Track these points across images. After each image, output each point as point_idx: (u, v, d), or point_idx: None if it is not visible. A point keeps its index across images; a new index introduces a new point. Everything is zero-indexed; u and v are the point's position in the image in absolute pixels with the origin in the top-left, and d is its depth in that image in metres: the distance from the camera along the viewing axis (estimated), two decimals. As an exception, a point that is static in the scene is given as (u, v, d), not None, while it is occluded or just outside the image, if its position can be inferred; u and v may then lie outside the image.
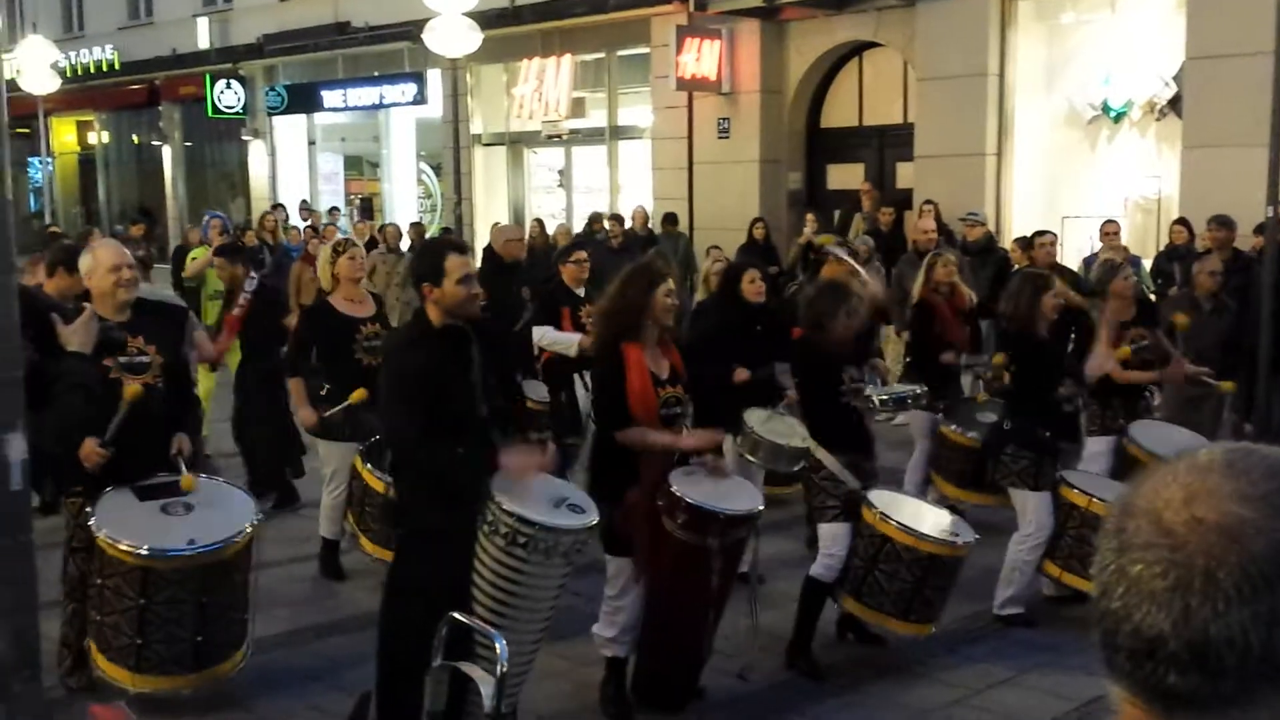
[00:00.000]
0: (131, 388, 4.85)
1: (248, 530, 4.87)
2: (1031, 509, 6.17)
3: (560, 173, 19.78)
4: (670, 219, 15.34)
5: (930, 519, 5.76)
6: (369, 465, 6.29)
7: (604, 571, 5.11)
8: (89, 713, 2.51)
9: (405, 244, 16.33)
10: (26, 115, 22.56)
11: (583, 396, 7.53)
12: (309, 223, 18.25)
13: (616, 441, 4.91)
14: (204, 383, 9.33)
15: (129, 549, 4.60)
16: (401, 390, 4.36)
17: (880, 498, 5.67)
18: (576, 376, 7.51)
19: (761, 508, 5.13)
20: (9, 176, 3.15)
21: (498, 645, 3.42)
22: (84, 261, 5.11)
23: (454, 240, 6.32)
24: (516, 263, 8.72)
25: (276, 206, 19.55)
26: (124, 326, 4.95)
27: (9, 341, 3.10)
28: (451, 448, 4.34)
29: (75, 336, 3.82)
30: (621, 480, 4.87)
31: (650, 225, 15.13)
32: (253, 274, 8.72)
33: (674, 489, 4.84)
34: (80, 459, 4.74)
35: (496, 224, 13.18)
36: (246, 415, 8.52)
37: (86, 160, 29.92)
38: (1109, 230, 10.84)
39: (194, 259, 11.25)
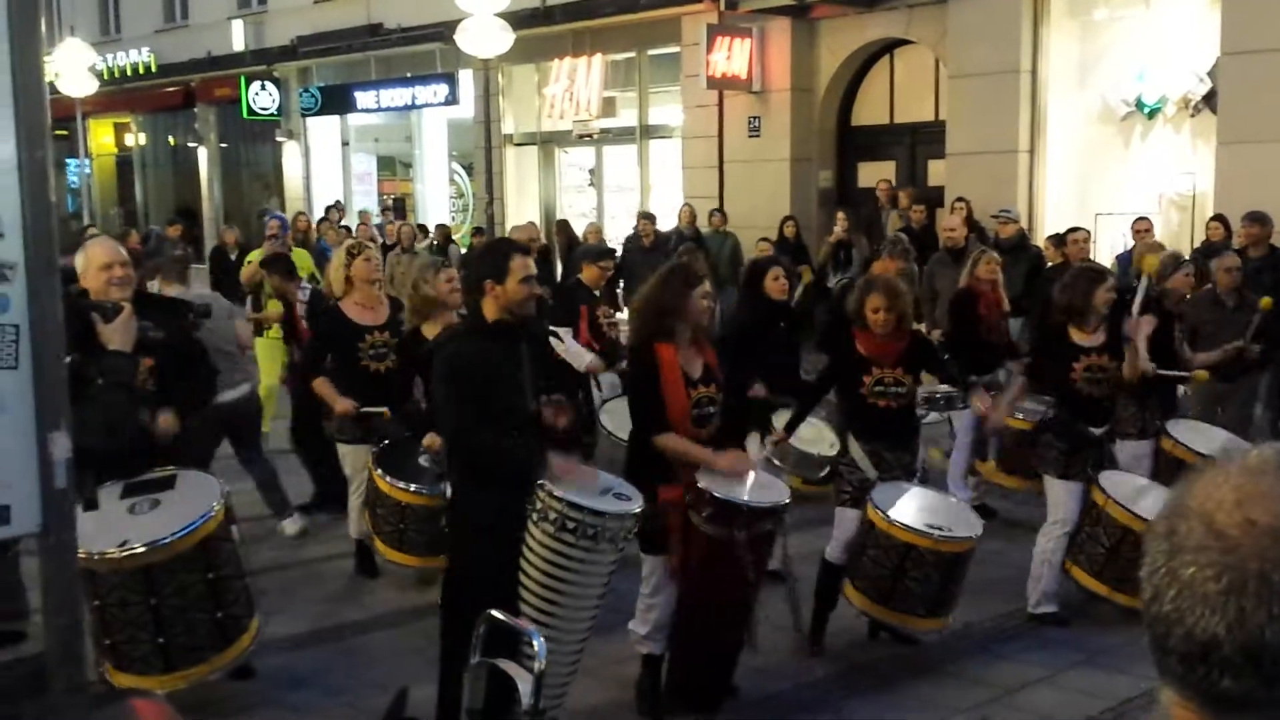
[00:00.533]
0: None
1: (187, 532, 4.66)
2: (1056, 496, 6.20)
3: (591, 172, 19.83)
4: (717, 215, 15.22)
5: (929, 511, 5.68)
6: (379, 469, 6.29)
7: (639, 568, 5.14)
8: (130, 706, 2.55)
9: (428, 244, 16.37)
10: (64, 118, 22.81)
11: (596, 396, 7.56)
12: (342, 222, 18.36)
13: (653, 444, 4.94)
14: (266, 379, 9.39)
15: (124, 551, 4.56)
16: (451, 381, 4.44)
17: (886, 488, 5.66)
18: (590, 376, 7.54)
19: (787, 501, 5.14)
20: (52, 178, 3.19)
21: (535, 643, 3.44)
22: (78, 260, 5.05)
23: (516, 241, 6.35)
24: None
25: (331, 207, 19.56)
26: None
27: (54, 341, 3.14)
28: (502, 435, 4.40)
29: (116, 335, 3.87)
30: (655, 479, 4.90)
31: (697, 224, 14.91)
32: (304, 284, 8.70)
33: (700, 483, 4.86)
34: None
35: (530, 223, 13.21)
36: (305, 425, 8.48)
37: (124, 162, 30.24)
38: (1140, 227, 10.75)
39: (249, 262, 11.00)
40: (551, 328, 7.13)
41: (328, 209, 19.74)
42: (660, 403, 4.90)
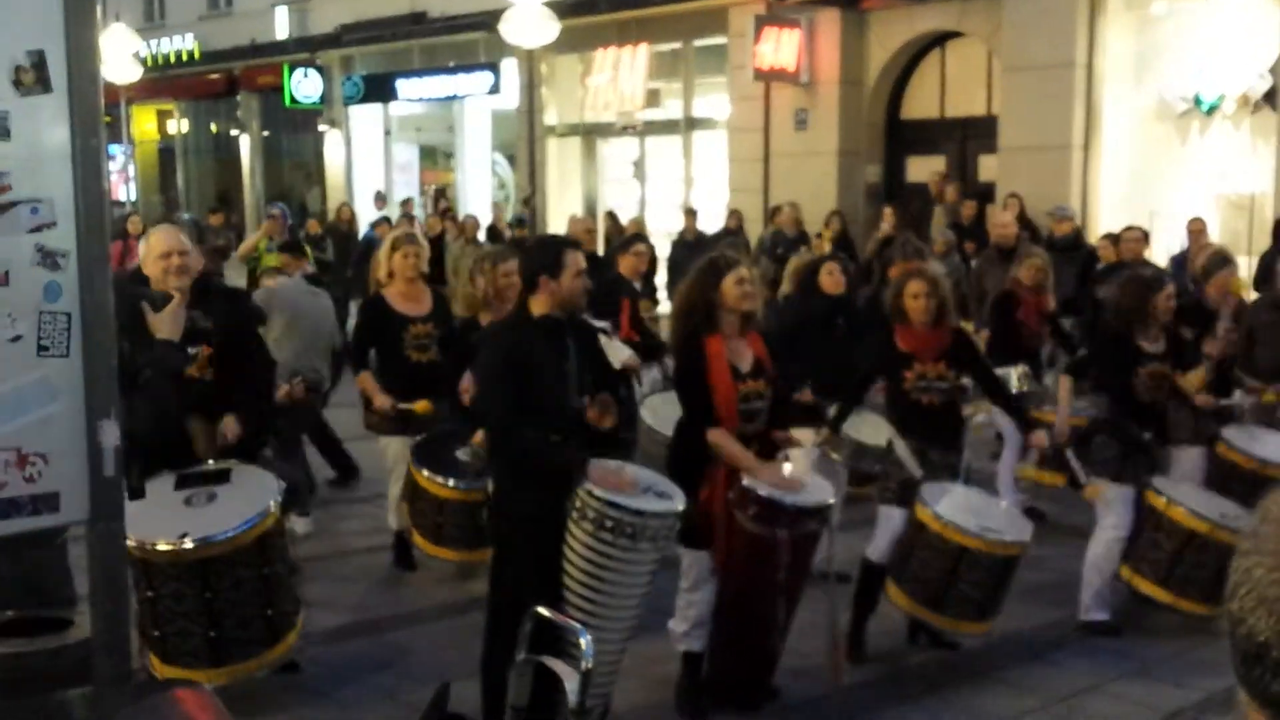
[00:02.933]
0: None
1: (247, 528, 4.66)
2: (1108, 502, 6.08)
3: (635, 164, 19.77)
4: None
5: (978, 512, 5.59)
6: (418, 463, 6.24)
7: (678, 567, 5.09)
8: (174, 697, 2.54)
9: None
10: (108, 104, 22.98)
11: (638, 390, 7.49)
12: (383, 213, 18.42)
13: (700, 437, 4.89)
14: None
15: (131, 541, 4.41)
16: (494, 374, 4.43)
17: (933, 488, 5.58)
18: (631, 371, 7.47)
19: (832, 501, 5.09)
20: (107, 167, 3.17)
21: (582, 641, 3.40)
22: (140, 247, 5.21)
23: (568, 237, 6.32)
24: (594, 254, 8.82)
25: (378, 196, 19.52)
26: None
27: (105, 329, 3.13)
28: (542, 432, 4.37)
29: (164, 325, 3.87)
30: (698, 474, 4.87)
31: (803, 226, 14.23)
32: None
33: (745, 481, 4.82)
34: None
35: (573, 216, 13.18)
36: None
37: (166, 149, 30.52)
38: (1195, 228, 10.50)
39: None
40: (598, 324, 7.09)
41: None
42: (710, 396, 4.86)
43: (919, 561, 5.50)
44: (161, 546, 4.52)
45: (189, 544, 4.55)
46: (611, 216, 17.08)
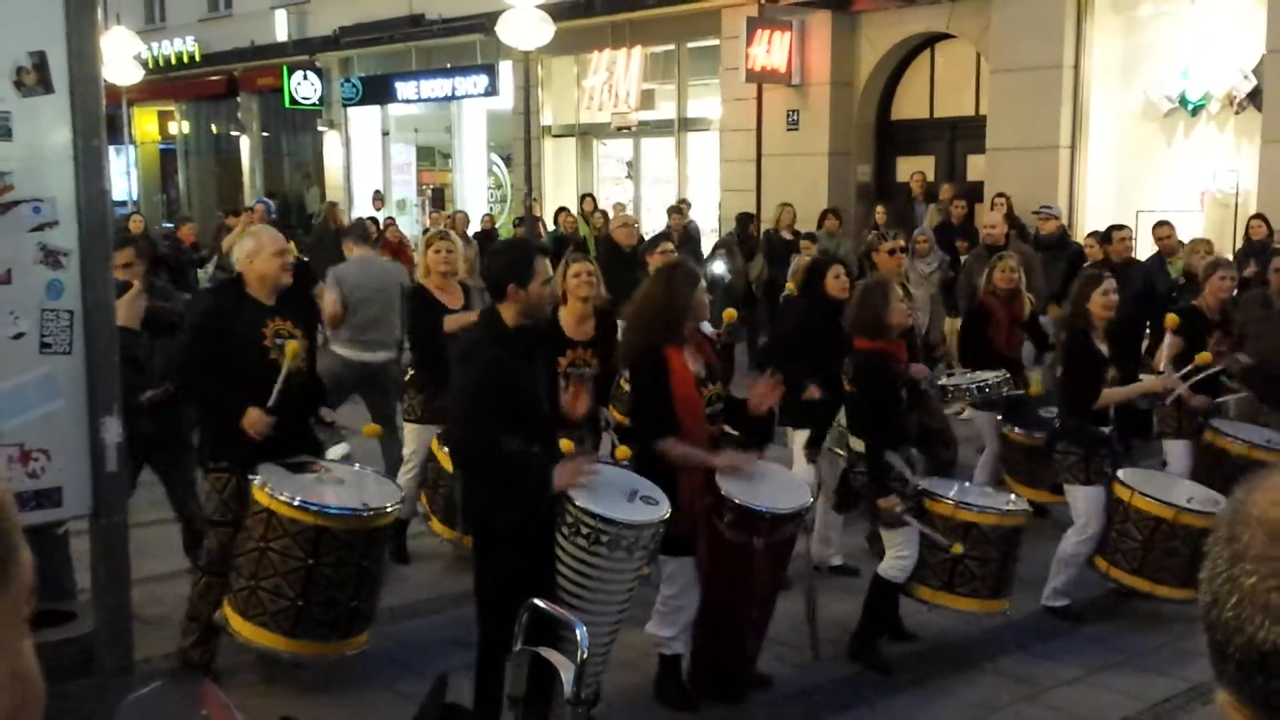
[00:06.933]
0: (292, 344, 5.00)
1: (374, 514, 4.91)
2: (1081, 503, 6.18)
3: (629, 164, 19.84)
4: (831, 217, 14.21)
5: (983, 494, 5.83)
6: (446, 449, 6.38)
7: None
8: (206, 686, 2.59)
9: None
10: (109, 105, 22.93)
11: None
12: (382, 211, 18.46)
13: (656, 451, 4.87)
14: None
15: (308, 508, 4.70)
16: (478, 389, 4.37)
17: (939, 488, 5.69)
18: None
19: (810, 502, 5.14)
20: (108, 167, 3.25)
21: (578, 632, 3.46)
22: (247, 244, 5.19)
23: (538, 243, 6.39)
24: (634, 249, 9.15)
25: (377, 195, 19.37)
26: (273, 310, 5.10)
27: (107, 327, 3.20)
28: (522, 445, 4.35)
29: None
30: (672, 482, 4.81)
31: (795, 225, 13.88)
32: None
33: (722, 489, 4.84)
34: (245, 428, 4.88)
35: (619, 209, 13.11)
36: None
37: (167, 150, 30.54)
38: (1161, 234, 10.42)
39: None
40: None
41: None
42: (670, 408, 4.83)
43: (975, 560, 5.58)
44: (296, 500, 4.71)
45: (372, 510, 4.84)
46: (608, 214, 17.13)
